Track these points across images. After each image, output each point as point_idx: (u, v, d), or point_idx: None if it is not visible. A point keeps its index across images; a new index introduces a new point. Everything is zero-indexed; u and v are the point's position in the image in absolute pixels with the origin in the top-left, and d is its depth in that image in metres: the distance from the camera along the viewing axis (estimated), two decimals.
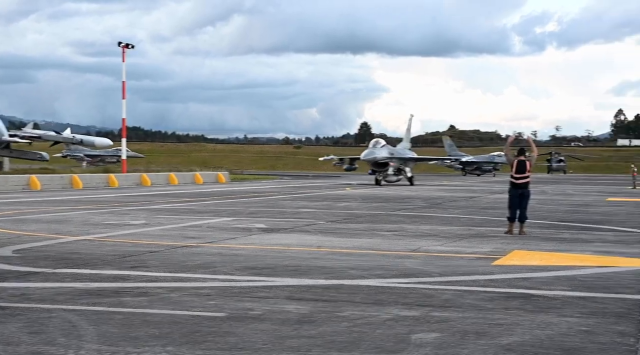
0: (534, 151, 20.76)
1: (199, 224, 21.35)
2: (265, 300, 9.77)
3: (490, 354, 7.16)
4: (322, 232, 19.42)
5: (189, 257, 14.00)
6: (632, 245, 16.92)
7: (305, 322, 8.42)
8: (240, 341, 7.52)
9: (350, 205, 31.61)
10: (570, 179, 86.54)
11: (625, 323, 8.52)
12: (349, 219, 24.18)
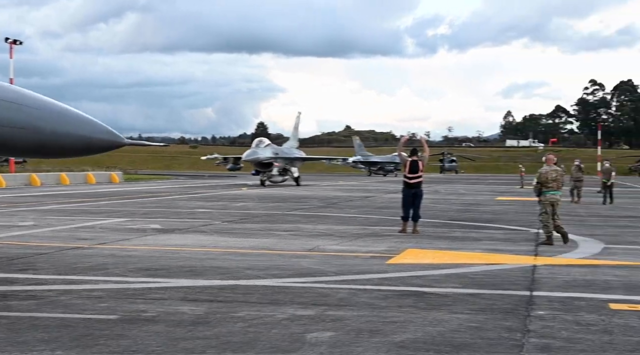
0: (426, 151, 21.18)
1: (91, 225, 20.86)
2: (160, 301, 9.63)
3: (384, 351, 7.27)
4: (218, 232, 19.30)
5: (80, 259, 13.65)
6: (519, 243, 17.49)
7: (200, 323, 8.34)
8: (133, 344, 7.39)
9: (247, 205, 31.53)
10: (462, 178, 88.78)
11: (512, 319, 8.80)
12: (245, 219, 24.11)
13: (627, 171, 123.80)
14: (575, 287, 11.14)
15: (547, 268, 13.11)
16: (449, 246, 16.61)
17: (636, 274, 12.53)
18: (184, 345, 7.36)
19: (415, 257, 14.53)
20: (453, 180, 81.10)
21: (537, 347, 7.49)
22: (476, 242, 17.40)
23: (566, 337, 7.89)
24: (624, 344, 7.66)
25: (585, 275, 12.26)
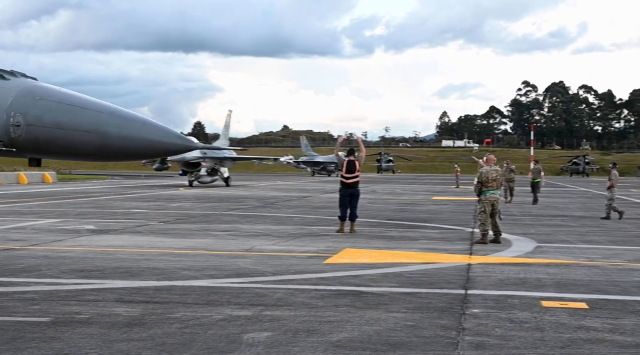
0: (363, 152, 21.32)
1: (23, 226, 20.42)
2: (94, 303, 9.49)
3: (321, 351, 7.29)
4: (155, 232, 19.10)
5: (12, 260, 13.36)
6: (454, 242, 17.73)
7: (136, 325, 8.24)
8: (66, 346, 7.26)
9: (184, 206, 31.28)
10: (399, 178, 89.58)
11: (447, 317, 8.91)
12: (182, 219, 23.91)
13: (558, 171, 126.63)
14: (508, 285, 11.34)
15: (482, 267, 13.31)
16: (386, 246, 16.74)
17: (567, 272, 12.82)
18: (119, 347, 7.26)
19: (352, 257, 14.60)
20: (390, 180, 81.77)
21: (472, 344, 7.60)
22: (412, 242, 17.57)
23: (500, 335, 8.03)
24: (555, 340, 7.83)
25: (519, 274, 12.49)
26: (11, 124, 8.23)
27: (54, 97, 8.39)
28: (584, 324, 8.64)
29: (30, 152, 8.58)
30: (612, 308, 9.62)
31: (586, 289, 11.10)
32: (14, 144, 8.30)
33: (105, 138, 8.04)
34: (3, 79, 8.54)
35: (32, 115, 8.18)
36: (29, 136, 8.21)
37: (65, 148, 8.27)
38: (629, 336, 8.07)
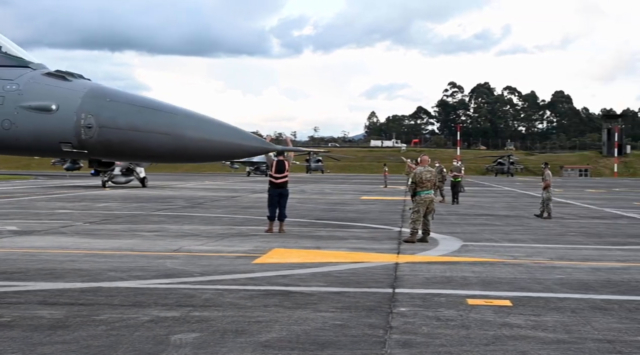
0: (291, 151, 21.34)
1: None
2: (16, 305, 9.26)
3: (249, 351, 7.27)
4: (80, 233, 18.75)
5: None
6: (382, 241, 17.89)
7: (60, 328, 8.08)
8: None
9: (110, 206, 30.79)
10: (327, 178, 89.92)
11: (375, 316, 8.99)
12: (108, 219, 23.53)
13: (484, 171, 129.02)
14: (435, 283, 11.50)
15: (409, 265, 13.46)
16: (315, 245, 16.78)
17: (492, 270, 13.06)
18: (42, 351, 7.11)
19: (281, 257, 14.60)
20: (319, 180, 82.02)
21: (399, 343, 7.68)
22: (341, 241, 17.66)
23: (426, 333, 8.13)
24: (480, 337, 7.97)
25: (445, 272, 12.67)
26: (82, 126, 7.95)
27: (124, 98, 8.20)
28: (508, 321, 8.82)
29: (101, 154, 8.37)
30: (535, 305, 9.84)
31: (510, 286, 11.33)
32: (84, 145, 8.04)
33: (181, 140, 7.91)
34: (65, 80, 8.25)
35: (104, 117, 7.94)
36: (101, 138, 7.97)
37: (139, 150, 8.09)
38: (550, 332, 8.27)
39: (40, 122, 8.01)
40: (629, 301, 10.23)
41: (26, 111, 8.01)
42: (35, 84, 8.15)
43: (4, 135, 8.11)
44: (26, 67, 8.31)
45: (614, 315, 9.24)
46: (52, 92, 8.05)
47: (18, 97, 8.07)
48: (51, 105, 7.96)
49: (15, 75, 8.20)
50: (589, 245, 17.69)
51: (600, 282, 11.85)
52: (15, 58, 8.42)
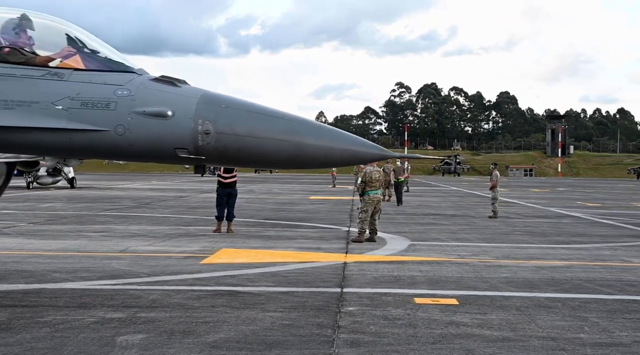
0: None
1: None
2: None
3: (196, 352, 7.23)
4: (23, 234, 18.42)
5: None
6: (331, 241, 17.93)
7: (2, 330, 7.93)
8: None
9: (55, 206, 30.32)
10: (276, 178, 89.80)
11: (324, 315, 9.01)
12: (53, 220, 23.16)
13: (431, 171, 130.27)
14: (383, 283, 11.57)
15: (357, 265, 13.52)
16: (263, 245, 16.75)
17: (439, 269, 13.19)
18: None
19: (229, 257, 14.54)
20: (268, 179, 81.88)
21: (347, 342, 7.71)
22: (289, 241, 17.66)
23: (374, 332, 8.18)
24: (427, 336, 8.05)
25: (393, 272, 12.76)
26: (200, 132, 7.91)
27: (239, 105, 8.21)
28: (454, 319, 8.91)
29: (216, 160, 8.32)
30: (480, 304, 9.97)
31: (457, 285, 11.46)
32: (200, 152, 8.00)
33: (299, 146, 7.96)
34: (174, 85, 8.24)
35: (222, 123, 7.93)
36: (218, 144, 7.94)
37: (256, 156, 8.10)
38: (496, 330, 8.38)
39: (155, 128, 7.98)
40: (572, 299, 10.43)
41: (141, 117, 7.98)
42: (147, 90, 8.14)
43: (117, 141, 8.05)
44: (132, 73, 8.31)
45: (557, 313, 9.41)
46: (165, 98, 8.07)
47: (131, 102, 8.03)
48: (167, 111, 7.96)
49: (125, 81, 8.18)
50: (534, 244, 17.97)
51: (545, 281, 12.05)
52: (118, 63, 8.43)
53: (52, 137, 8.18)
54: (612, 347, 7.76)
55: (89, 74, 8.23)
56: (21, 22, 8.66)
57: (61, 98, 8.10)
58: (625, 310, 9.76)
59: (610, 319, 9.12)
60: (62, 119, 8.07)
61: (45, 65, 8.32)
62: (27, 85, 8.21)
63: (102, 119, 8.01)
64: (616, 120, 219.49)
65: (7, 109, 8.15)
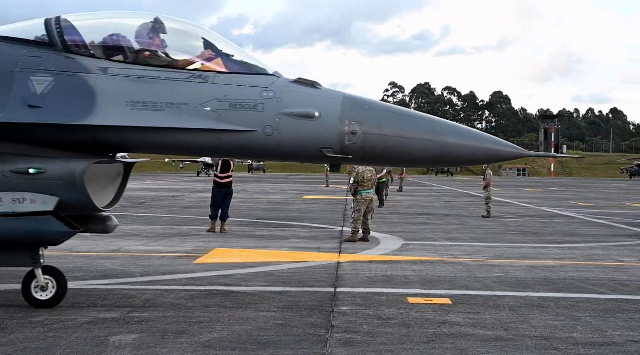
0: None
1: None
2: None
3: (190, 352, 7.22)
4: None
5: None
6: (324, 240, 17.93)
7: None
8: None
9: None
10: (269, 178, 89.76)
11: (317, 315, 9.01)
12: None
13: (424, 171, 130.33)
14: (376, 282, 11.57)
15: (351, 265, 13.52)
16: (256, 245, 16.74)
17: (432, 268, 13.20)
18: None
19: (222, 257, 14.53)
20: (261, 179, 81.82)
21: (340, 342, 7.72)
22: (283, 241, 17.65)
23: (367, 332, 8.18)
24: (421, 336, 8.05)
25: (386, 271, 12.76)
26: (347, 132, 8.27)
27: (381, 106, 8.68)
28: (447, 319, 8.92)
29: (362, 159, 8.65)
30: (474, 303, 9.98)
31: (450, 285, 11.47)
32: (346, 151, 8.35)
33: (443, 146, 8.30)
34: (315, 87, 8.61)
35: (369, 124, 8.29)
36: (365, 144, 8.30)
37: (402, 155, 8.41)
38: (489, 330, 8.39)
39: (302, 129, 8.34)
40: (565, 299, 10.45)
41: (288, 118, 8.34)
42: (291, 92, 8.51)
43: (265, 142, 8.42)
44: (270, 75, 8.67)
45: (550, 313, 9.43)
46: (309, 100, 8.43)
47: (278, 104, 8.39)
48: (314, 112, 8.31)
49: (268, 83, 8.54)
50: (527, 244, 18.00)
51: (538, 280, 12.07)
52: (255, 66, 8.78)
53: (201, 138, 8.53)
54: (605, 347, 7.78)
55: (232, 76, 8.59)
56: (158, 26, 9.00)
57: (209, 100, 8.44)
58: (618, 309, 9.79)
59: (603, 319, 9.14)
60: (211, 120, 8.41)
61: (187, 68, 8.68)
62: (173, 87, 8.54)
63: (251, 120, 8.37)
64: (609, 120, 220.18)
65: (157, 111, 8.47)
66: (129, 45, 8.97)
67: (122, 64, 8.75)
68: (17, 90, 8.61)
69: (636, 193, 55.03)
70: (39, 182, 8.65)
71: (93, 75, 8.64)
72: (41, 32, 9.00)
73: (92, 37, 9.05)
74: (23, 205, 8.68)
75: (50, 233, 8.81)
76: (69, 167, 8.66)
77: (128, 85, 8.59)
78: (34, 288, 9.17)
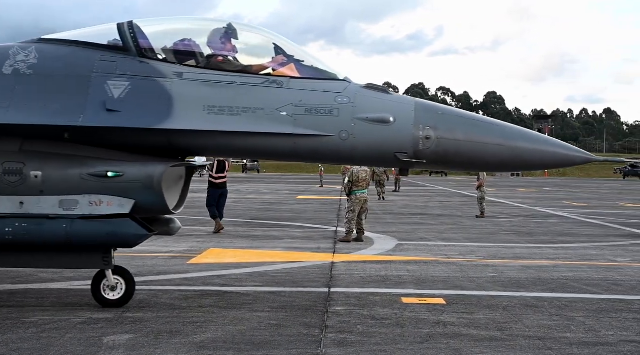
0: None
1: None
2: None
3: (184, 352, 7.21)
4: None
5: None
6: (318, 240, 17.92)
7: None
8: None
9: None
10: (263, 178, 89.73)
11: (311, 315, 9.00)
12: None
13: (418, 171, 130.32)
14: (370, 283, 11.58)
15: (345, 265, 13.52)
16: (250, 245, 16.73)
17: (426, 268, 13.21)
18: None
19: (216, 257, 14.52)
20: (255, 179, 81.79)
21: (335, 342, 7.72)
22: (277, 241, 17.64)
23: (362, 332, 8.19)
24: (415, 336, 8.06)
25: (380, 271, 12.77)
26: (421, 137, 8.44)
27: (453, 112, 8.86)
28: (441, 319, 8.93)
29: (434, 163, 8.78)
30: (468, 303, 9.99)
31: (444, 285, 11.48)
32: (419, 155, 8.50)
33: (515, 150, 8.50)
34: (386, 93, 8.79)
35: (442, 129, 8.48)
36: (438, 149, 8.48)
37: (474, 160, 8.60)
38: (483, 330, 8.40)
39: (377, 133, 8.52)
40: (558, 298, 10.47)
41: (363, 123, 8.53)
42: (364, 97, 8.68)
43: (340, 146, 8.59)
44: (342, 81, 8.86)
45: (544, 313, 9.45)
46: (383, 105, 8.61)
47: (352, 109, 8.57)
48: (389, 118, 8.49)
49: (341, 88, 8.73)
50: (521, 244, 18.03)
51: (531, 280, 12.09)
52: (326, 71, 8.96)
53: (277, 142, 8.71)
54: (598, 347, 7.79)
55: (306, 81, 8.78)
56: (230, 32, 9.11)
57: (284, 105, 8.61)
58: (612, 309, 9.81)
59: (597, 319, 9.16)
60: (288, 124, 8.57)
61: (260, 73, 8.85)
62: (249, 92, 8.71)
63: (327, 124, 8.54)
64: (602, 120, 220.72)
65: (233, 115, 8.63)
66: (202, 50, 9.14)
67: (196, 68, 8.91)
68: (94, 95, 8.73)
69: (629, 193, 55.17)
70: (116, 185, 8.79)
71: (169, 79, 8.79)
72: (114, 37, 9.15)
73: (165, 42, 9.24)
74: (100, 207, 8.84)
75: (128, 235, 9.01)
76: (147, 170, 8.81)
77: (204, 90, 8.75)
78: (104, 288, 9.31)
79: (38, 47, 9.11)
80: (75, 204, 8.82)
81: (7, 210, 8.81)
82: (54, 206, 8.82)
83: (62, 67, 8.91)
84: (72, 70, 8.86)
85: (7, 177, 8.78)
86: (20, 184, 8.78)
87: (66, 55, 9.03)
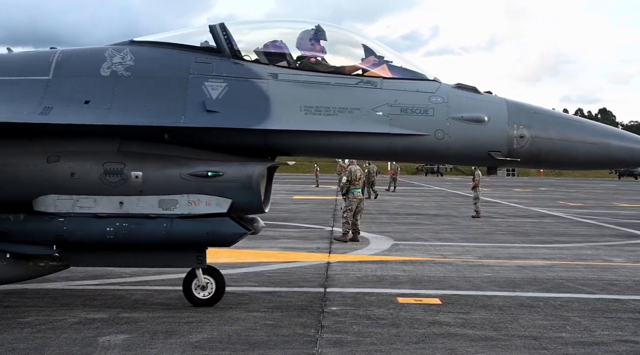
0: None
1: None
2: None
3: (179, 352, 7.21)
4: None
5: None
6: (314, 240, 17.92)
7: None
8: None
9: None
10: None
11: (306, 315, 9.00)
12: None
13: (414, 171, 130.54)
14: (366, 282, 11.58)
15: (340, 265, 13.52)
16: (246, 245, 16.67)
17: (422, 268, 13.21)
18: None
19: (212, 257, 14.35)
20: None
21: (330, 342, 7.72)
22: (273, 241, 17.63)
23: (357, 332, 8.19)
24: (410, 335, 8.06)
25: (376, 271, 12.77)
26: (515, 136, 8.62)
27: (545, 111, 8.98)
28: (437, 319, 8.94)
29: (528, 162, 8.89)
30: (463, 303, 10.00)
31: (440, 285, 11.49)
32: (513, 154, 8.67)
33: (607, 148, 8.67)
34: (477, 92, 8.93)
35: (536, 127, 8.65)
36: (532, 147, 8.65)
37: (567, 158, 8.75)
38: (478, 330, 8.41)
39: (472, 133, 8.67)
40: (553, 298, 10.48)
41: (458, 122, 8.69)
42: (457, 97, 8.83)
43: (435, 145, 8.72)
44: (432, 81, 8.99)
45: (539, 313, 9.46)
46: (476, 105, 8.77)
47: (447, 108, 8.72)
48: (484, 117, 8.65)
49: (434, 88, 8.88)
50: (516, 244, 18.04)
51: (527, 280, 12.10)
52: (416, 72, 9.09)
53: (372, 141, 8.83)
54: (593, 346, 7.81)
55: (399, 82, 8.91)
56: (320, 33, 9.23)
57: (380, 105, 8.75)
58: (607, 309, 9.82)
59: (592, 318, 9.18)
60: (384, 124, 8.71)
61: (353, 74, 8.99)
62: (344, 92, 8.84)
63: (422, 124, 8.68)
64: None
65: (330, 115, 8.77)
66: (295, 51, 9.24)
67: (290, 69, 9.02)
68: (193, 96, 8.82)
69: (625, 193, 55.23)
70: (215, 184, 8.90)
71: (265, 80, 8.88)
72: (206, 38, 9.27)
73: (257, 43, 9.35)
74: (198, 207, 8.95)
75: (227, 234, 9.11)
76: (246, 170, 8.93)
77: (300, 91, 8.85)
78: (195, 287, 9.45)
79: (132, 49, 9.18)
80: (175, 203, 8.93)
81: (107, 210, 8.92)
82: (153, 206, 8.93)
83: (159, 68, 8.99)
84: (169, 72, 8.96)
85: (108, 177, 8.87)
86: (121, 184, 8.87)
87: (161, 57, 9.12)
